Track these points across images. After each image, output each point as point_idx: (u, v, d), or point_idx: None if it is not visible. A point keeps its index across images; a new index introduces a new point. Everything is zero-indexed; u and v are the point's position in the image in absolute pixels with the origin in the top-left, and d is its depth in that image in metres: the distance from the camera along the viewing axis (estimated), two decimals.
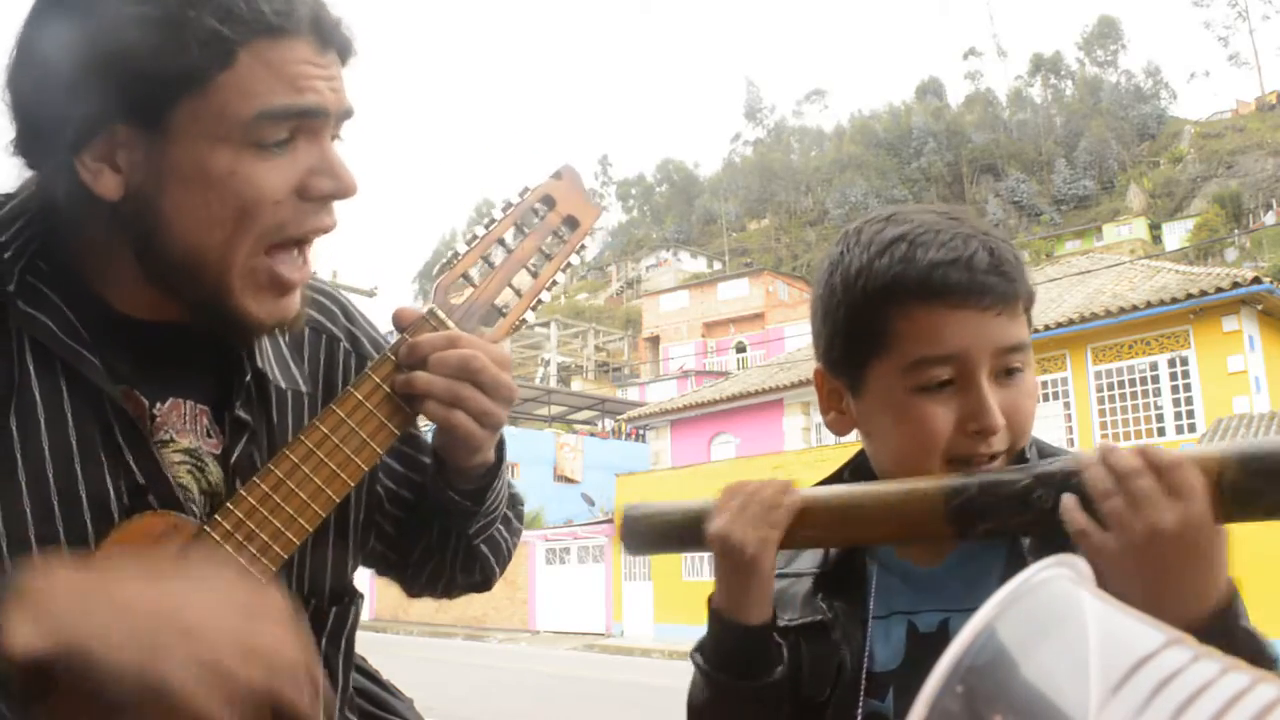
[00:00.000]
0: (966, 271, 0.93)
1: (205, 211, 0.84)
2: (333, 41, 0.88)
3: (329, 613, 1.00)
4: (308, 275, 0.91)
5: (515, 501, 1.13)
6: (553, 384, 47.02)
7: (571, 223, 1.01)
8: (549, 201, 1.00)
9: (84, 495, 0.85)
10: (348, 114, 0.90)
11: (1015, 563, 0.94)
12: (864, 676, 0.99)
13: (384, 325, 1.12)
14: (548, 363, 52.24)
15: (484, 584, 1.14)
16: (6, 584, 0.67)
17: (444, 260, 0.94)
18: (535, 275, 0.98)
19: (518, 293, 0.98)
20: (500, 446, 1.00)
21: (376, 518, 1.07)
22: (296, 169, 0.86)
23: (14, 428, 0.84)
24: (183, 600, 0.70)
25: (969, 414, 0.93)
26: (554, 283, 1.00)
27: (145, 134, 0.83)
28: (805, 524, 0.95)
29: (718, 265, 77.45)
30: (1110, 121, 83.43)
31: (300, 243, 0.89)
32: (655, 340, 55.76)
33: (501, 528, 1.09)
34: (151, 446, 0.88)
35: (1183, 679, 0.39)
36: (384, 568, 1.14)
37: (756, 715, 0.98)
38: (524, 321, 0.98)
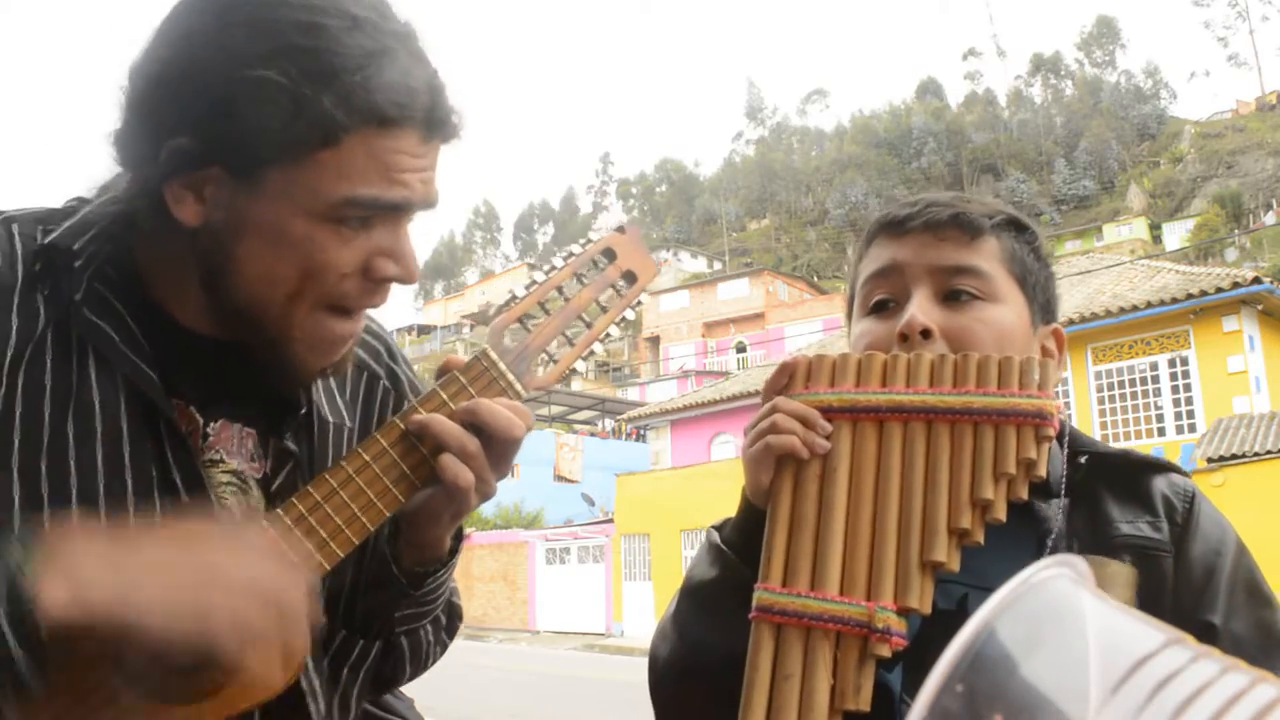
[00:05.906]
0: (910, 208, 1.09)
1: (274, 268, 0.86)
2: (439, 132, 0.89)
3: (356, 645, 1.02)
4: (359, 330, 0.94)
5: (454, 615, 1.12)
6: None
7: (630, 277, 1.02)
8: (610, 254, 1.02)
9: (131, 511, 0.86)
10: (431, 204, 0.91)
11: (1046, 546, 0.97)
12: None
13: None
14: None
15: (390, 681, 1.09)
16: (33, 550, 0.67)
17: (502, 302, 0.96)
18: (590, 325, 0.99)
19: (570, 341, 0.99)
20: (457, 538, 1.00)
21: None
22: (367, 248, 0.88)
23: (70, 435, 0.85)
24: (215, 561, 0.72)
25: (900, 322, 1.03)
26: (607, 335, 1.01)
27: (235, 180, 0.84)
28: None
29: (718, 265, 77.37)
30: (1110, 121, 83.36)
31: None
32: (655, 340, 55.73)
33: (429, 628, 1.07)
34: (199, 466, 0.90)
35: (1182, 679, 0.39)
36: None
37: (738, 611, 0.94)
38: (574, 370, 0.99)
